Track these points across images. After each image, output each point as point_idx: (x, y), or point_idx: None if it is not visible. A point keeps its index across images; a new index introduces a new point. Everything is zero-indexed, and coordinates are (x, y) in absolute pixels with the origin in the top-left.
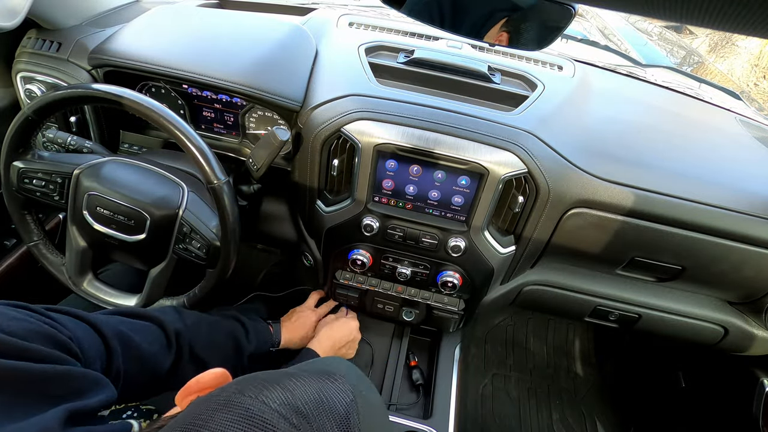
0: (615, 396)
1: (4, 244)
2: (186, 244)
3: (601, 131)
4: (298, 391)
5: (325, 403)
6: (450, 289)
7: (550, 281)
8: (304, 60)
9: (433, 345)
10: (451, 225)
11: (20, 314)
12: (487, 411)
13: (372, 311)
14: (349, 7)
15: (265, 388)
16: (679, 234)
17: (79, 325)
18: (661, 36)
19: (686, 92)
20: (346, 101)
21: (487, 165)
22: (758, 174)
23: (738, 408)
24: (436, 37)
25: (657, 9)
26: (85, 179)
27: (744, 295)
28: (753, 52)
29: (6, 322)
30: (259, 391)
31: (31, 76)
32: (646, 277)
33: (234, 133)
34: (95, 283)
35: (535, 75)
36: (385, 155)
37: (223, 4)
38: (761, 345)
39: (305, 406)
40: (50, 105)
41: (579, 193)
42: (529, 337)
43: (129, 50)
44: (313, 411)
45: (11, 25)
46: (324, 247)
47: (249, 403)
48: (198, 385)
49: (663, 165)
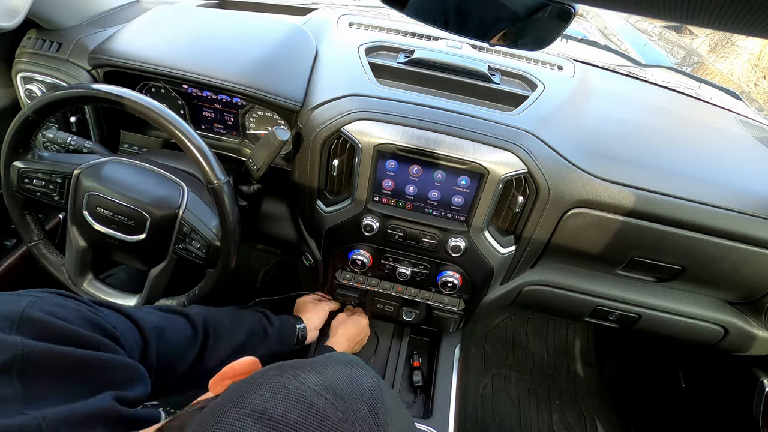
0: (615, 396)
1: (4, 244)
2: (186, 244)
3: (601, 131)
4: (329, 375)
5: (355, 385)
6: (450, 289)
7: (550, 281)
8: (304, 60)
9: (433, 345)
10: (451, 225)
11: (69, 302)
12: (487, 411)
13: (372, 311)
14: (349, 7)
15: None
16: (679, 234)
17: (118, 317)
18: (661, 36)
19: (686, 92)
20: (346, 101)
21: (487, 165)
22: (758, 174)
23: (738, 408)
24: (436, 37)
25: (657, 9)
26: (85, 179)
27: (744, 295)
28: (753, 52)
29: (59, 309)
30: (295, 373)
31: (31, 76)
32: (646, 277)
33: (234, 133)
34: (95, 283)
35: (535, 75)
36: (385, 155)
37: (223, 4)
38: (761, 345)
39: (338, 387)
40: (50, 105)
41: (579, 193)
42: (529, 337)
43: (129, 50)
44: (345, 391)
45: (11, 25)
46: (324, 247)
47: (288, 382)
48: (232, 371)
49: (663, 165)
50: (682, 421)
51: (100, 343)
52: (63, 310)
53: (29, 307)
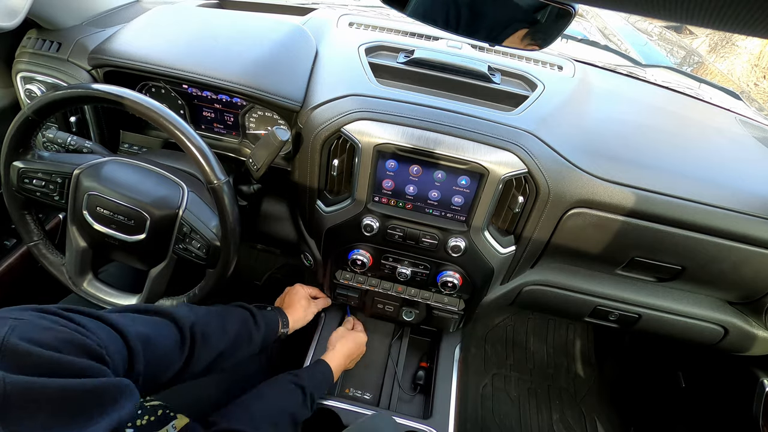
0: (615, 396)
1: (4, 244)
2: (186, 244)
3: (601, 131)
4: None
5: None
6: (450, 289)
7: (550, 281)
8: (304, 60)
9: (433, 345)
10: (451, 225)
11: (49, 323)
12: (487, 411)
13: (372, 311)
14: (349, 7)
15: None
16: (679, 234)
17: (102, 329)
18: (661, 36)
19: (686, 92)
20: (346, 101)
21: (487, 165)
22: (758, 174)
23: (738, 408)
24: (436, 37)
25: (657, 9)
26: (85, 179)
27: (744, 295)
28: (753, 52)
29: (38, 334)
30: None
31: (31, 76)
32: (646, 277)
33: (234, 133)
34: (95, 283)
35: (535, 75)
36: (385, 155)
37: (223, 4)
38: (761, 345)
39: None
40: (50, 105)
41: (579, 193)
42: (529, 337)
43: (129, 50)
44: None
45: (11, 25)
46: (324, 247)
47: None
48: None
49: (663, 165)
50: (682, 421)
51: (85, 367)
52: (45, 333)
53: (10, 334)
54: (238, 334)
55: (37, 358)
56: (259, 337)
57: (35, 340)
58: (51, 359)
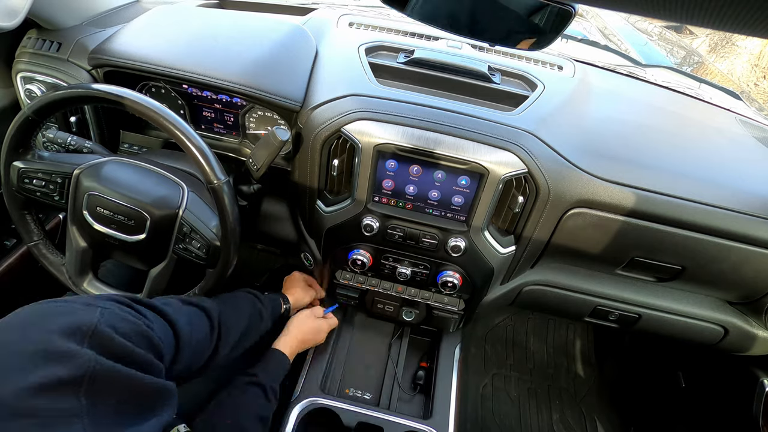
0: (615, 396)
1: (4, 244)
2: (186, 244)
3: (601, 131)
4: None
5: None
6: (450, 289)
7: (550, 281)
8: (304, 60)
9: (433, 345)
10: (451, 225)
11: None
12: (487, 411)
13: (372, 311)
14: (349, 7)
15: None
16: (679, 234)
17: (157, 320)
18: (661, 36)
19: (686, 92)
20: (346, 101)
21: (487, 165)
22: (758, 174)
23: (738, 408)
24: (436, 37)
25: (657, 9)
26: (85, 179)
27: (744, 295)
28: (753, 52)
29: (119, 323)
30: None
31: (31, 76)
32: (646, 277)
33: (234, 133)
34: (95, 283)
35: (535, 75)
36: (385, 155)
37: (223, 4)
38: (761, 345)
39: None
40: (50, 105)
41: (579, 193)
42: (529, 337)
43: (129, 50)
44: None
45: (11, 25)
46: (324, 247)
47: None
48: None
49: (663, 165)
50: (682, 421)
51: (152, 364)
52: (126, 324)
53: (99, 320)
54: (251, 314)
55: (122, 347)
56: (267, 314)
57: (117, 328)
58: (126, 349)
